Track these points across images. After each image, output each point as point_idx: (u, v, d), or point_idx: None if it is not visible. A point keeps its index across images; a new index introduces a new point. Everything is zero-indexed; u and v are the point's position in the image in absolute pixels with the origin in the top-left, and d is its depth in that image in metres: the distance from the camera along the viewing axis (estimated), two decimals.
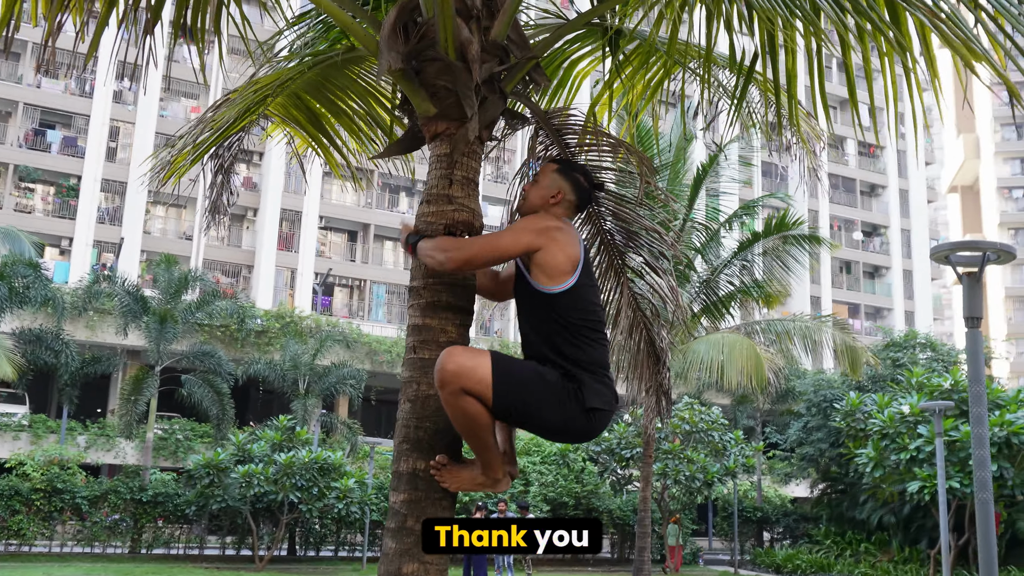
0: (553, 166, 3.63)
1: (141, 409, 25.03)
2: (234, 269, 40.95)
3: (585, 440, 3.43)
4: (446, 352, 3.19)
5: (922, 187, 58.19)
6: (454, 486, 3.44)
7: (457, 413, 3.20)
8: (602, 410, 3.28)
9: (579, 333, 3.30)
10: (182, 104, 41.87)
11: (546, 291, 3.32)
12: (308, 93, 5.19)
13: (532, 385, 3.21)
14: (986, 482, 5.45)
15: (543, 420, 3.24)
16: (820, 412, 26.43)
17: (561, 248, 3.32)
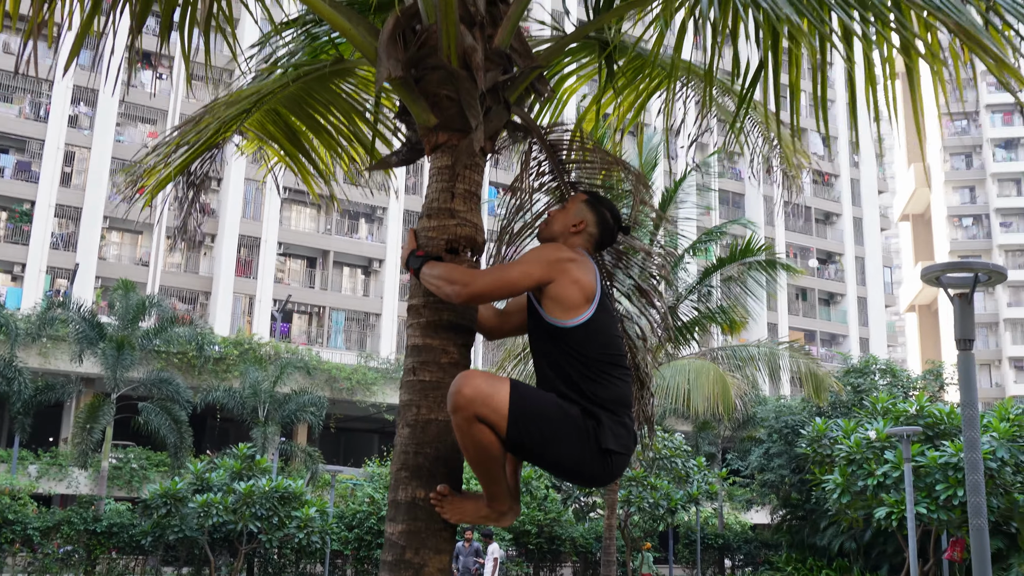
0: (583, 196, 3.50)
1: (96, 437, 24.41)
2: (191, 296, 40.32)
3: (598, 485, 3.24)
4: (463, 376, 3.00)
5: (875, 215, 59.07)
6: (456, 518, 3.25)
7: (468, 441, 3.02)
8: (619, 453, 3.10)
9: (598, 368, 3.12)
10: (139, 129, 41.30)
11: (560, 325, 3.15)
12: (287, 108, 5.00)
13: (551, 419, 3.02)
14: (980, 508, 5.38)
15: (559, 457, 3.06)
16: (781, 438, 26.48)
17: (574, 280, 3.15)
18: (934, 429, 15.94)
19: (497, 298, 3.24)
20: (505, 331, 3.65)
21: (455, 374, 3.39)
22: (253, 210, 41.36)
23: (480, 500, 3.26)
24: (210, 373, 32.05)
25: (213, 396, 28.45)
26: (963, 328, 5.57)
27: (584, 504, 25.63)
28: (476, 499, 3.27)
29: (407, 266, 3.42)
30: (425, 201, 3.61)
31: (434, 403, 3.35)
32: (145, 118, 41.13)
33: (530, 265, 3.17)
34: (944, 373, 31.41)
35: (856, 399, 25.47)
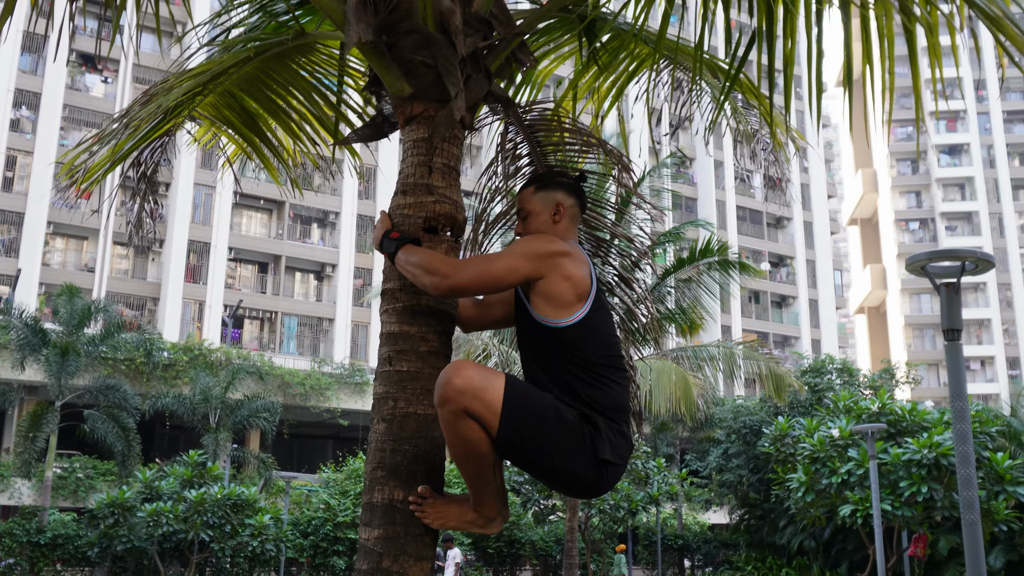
0: (531, 189, 3.13)
1: (40, 446, 23.66)
2: (139, 302, 39.45)
3: (591, 496, 2.95)
4: (454, 365, 2.70)
5: (825, 219, 59.75)
6: (438, 523, 2.93)
7: (455, 438, 2.72)
8: (615, 464, 2.82)
9: (595, 371, 2.84)
10: (83, 133, 40.33)
11: (552, 324, 2.86)
12: (244, 90, 4.66)
13: (547, 421, 2.73)
14: (972, 503, 5.21)
15: (552, 463, 2.77)
16: (740, 439, 26.49)
17: (566, 276, 2.86)
18: (896, 426, 15.95)
19: (479, 293, 2.96)
20: (485, 323, 3.35)
21: (434, 364, 3.10)
22: (203, 214, 40.64)
23: (465, 504, 2.96)
24: (159, 380, 31.34)
25: (162, 403, 27.78)
26: (950, 318, 5.40)
27: (544, 507, 25.41)
28: (461, 503, 2.97)
29: (380, 249, 3.10)
30: (400, 177, 3.32)
31: (412, 395, 3.06)
32: (89, 122, 40.19)
33: (517, 259, 2.86)
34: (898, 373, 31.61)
35: (814, 399, 25.57)
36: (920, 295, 68.99)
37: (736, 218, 56.14)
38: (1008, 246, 66.63)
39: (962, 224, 69.31)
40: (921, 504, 14.59)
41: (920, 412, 16.13)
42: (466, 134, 3.49)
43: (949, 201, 69.72)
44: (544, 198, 3.10)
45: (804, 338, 56.07)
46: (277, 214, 42.96)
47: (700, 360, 19.39)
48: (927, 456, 14.25)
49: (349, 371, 37.52)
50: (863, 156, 77.64)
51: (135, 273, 39.93)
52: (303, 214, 43.43)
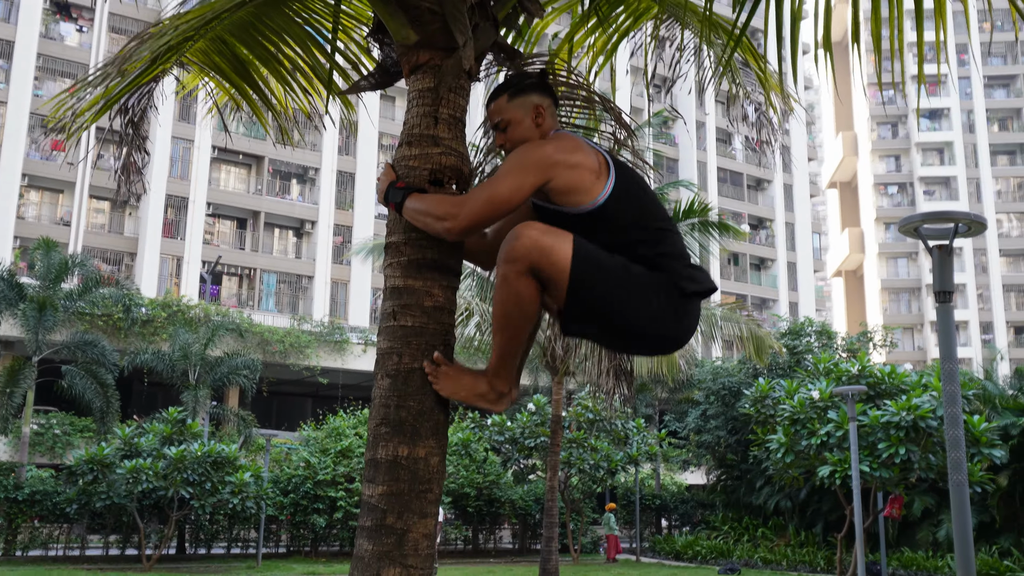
0: (503, 98, 3.04)
1: (16, 403, 23.47)
2: (116, 257, 39.09)
3: (670, 347, 2.89)
4: (523, 224, 2.67)
5: (805, 182, 59.86)
6: (449, 390, 2.91)
7: (509, 295, 2.70)
8: (699, 295, 2.78)
9: (648, 229, 2.81)
10: (58, 84, 39.64)
11: (589, 208, 2.81)
12: (235, 36, 4.54)
13: (617, 274, 2.69)
14: (960, 463, 5.24)
15: (627, 317, 2.72)
16: (719, 400, 26.69)
17: (573, 165, 2.81)
18: (875, 389, 16.09)
19: (493, 221, 2.85)
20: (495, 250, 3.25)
21: (439, 319, 3.05)
22: (180, 169, 40.19)
23: (480, 376, 2.94)
24: (137, 336, 31.12)
25: (141, 359, 27.60)
26: (942, 280, 5.38)
27: (524, 467, 25.55)
28: (474, 374, 2.95)
29: (386, 200, 3.04)
30: (404, 128, 3.23)
31: (417, 350, 3.01)
32: (65, 72, 39.50)
33: (517, 175, 2.80)
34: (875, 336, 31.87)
35: (792, 361, 25.75)
36: (897, 259, 69.50)
37: (717, 180, 56.16)
38: (985, 211, 67.06)
39: (940, 189, 69.67)
40: (898, 466, 14.75)
41: (899, 375, 16.26)
42: (471, 84, 3.40)
43: (928, 166, 70.02)
44: (521, 103, 3.03)
45: (782, 301, 56.41)
46: (256, 169, 42.56)
47: None
48: (905, 418, 14.39)
49: (328, 329, 37.42)
50: (844, 119, 77.71)
51: (112, 228, 39.51)
52: (282, 170, 43.05)
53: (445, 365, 2.91)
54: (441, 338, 3.03)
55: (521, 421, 24.42)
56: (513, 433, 24.46)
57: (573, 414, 24.36)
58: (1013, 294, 67.36)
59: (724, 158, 56.95)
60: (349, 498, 22.74)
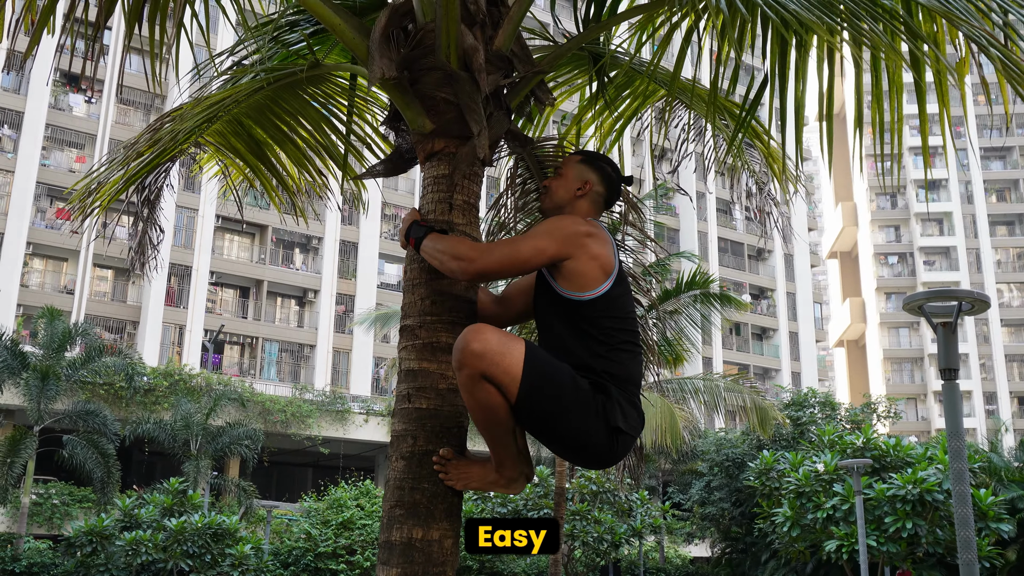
0: (577, 157, 3.22)
1: (17, 472, 23.31)
2: (119, 325, 39.13)
3: (603, 466, 2.99)
4: (472, 329, 2.73)
5: (805, 252, 60.12)
6: (461, 483, 2.97)
7: (473, 402, 2.77)
8: (626, 434, 2.87)
9: (611, 344, 2.89)
10: (66, 154, 40.14)
11: (575, 298, 2.91)
12: (252, 118, 4.67)
13: (565, 388, 2.77)
14: (970, 542, 5.22)
15: (568, 430, 2.81)
16: (723, 471, 26.48)
17: (594, 256, 2.91)
18: (880, 461, 15.99)
19: (506, 276, 2.98)
20: (505, 320, 3.34)
21: (453, 401, 3.10)
22: (184, 238, 40.42)
23: (488, 465, 3.00)
24: (138, 405, 31.01)
25: (143, 428, 27.48)
26: (947, 358, 5.43)
27: None
28: (483, 464, 3.01)
29: (407, 236, 3.13)
30: (420, 213, 3.32)
31: (432, 433, 3.05)
32: (72, 142, 40.00)
33: (543, 240, 2.91)
34: (879, 407, 31.72)
35: (796, 432, 25.61)
36: (899, 329, 69.45)
37: (718, 249, 56.43)
38: (985, 281, 67.24)
39: (940, 259, 69.95)
40: (905, 540, 14.60)
41: (904, 447, 16.19)
42: (485, 171, 3.49)
43: (928, 236, 70.41)
44: (580, 170, 3.18)
45: (784, 370, 56.22)
46: (259, 238, 42.83)
47: (685, 392, 19.40)
48: (911, 492, 14.30)
49: (330, 398, 37.29)
50: (843, 189, 78.36)
51: (115, 296, 39.62)
52: (285, 239, 43.31)
53: (454, 459, 2.97)
54: (455, 420, 3.07)
55: (524, 493, 24.20)
56: (516, 505, 24.21)
57: (576, 486, 24.16)
58: (1016, 364, 67.17)
59: (725, 228, 57.32)
60: (350, 571, 22.44)
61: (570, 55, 4.51)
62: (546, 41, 4.38)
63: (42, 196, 38.42)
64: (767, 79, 3.54)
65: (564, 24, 4.87)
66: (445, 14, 3.19)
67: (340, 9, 3.46)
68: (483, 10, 3.32)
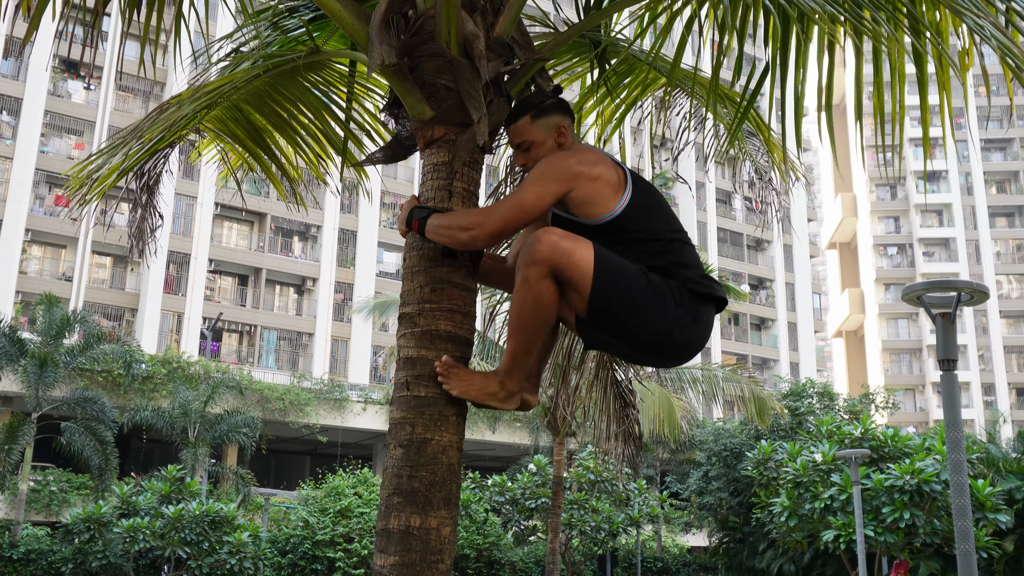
0: (526, 119, 3.13)
1: (15, 459, 23.33)
2: (117, 312, 39.12)
3: (687, 354, 2.94)
4: (542, 231, 2.74)
5: (804, 243, 60.11)
6: (459, 390, 2.97)
7: (528, 296, 2.78)
8: (708, 301, 2.85)
9: (662, 239, 2.90)
10: (64, 140, 40.05)
11: (607, 218, 2.90)
12: (251, 104, 4.65)
13: (636, 279, 2.77)
14: (967, 532, 5.23)
15: (645, 324, 2.80)
16: (720, 461, 26.52)
17: (594, 177, 2.91)
18: (878, 452, 16.02)
19: (517, 229, 2.96)
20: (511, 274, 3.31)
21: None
22: (183, 225, 40.39)
23: (490, 376, 3.00)
24: (137, 392, 31.03)
25: (141, 416, 27.50)
26: (946, 348, 5.43)
27: (524, 528, 25.30)
28: (484, 375, 3.01)
29: (409, 220, 3.12)
30: (419, 200, 3.30)
31: (430, 421, 3.04)
32: (72, 129, 39.92)
33: (541, 183, 2.91)
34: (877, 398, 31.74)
35: (794, 422, 25.64)
36: (897, 320, 69.49)
37: (717, 240, 56.41)
38: (984, 272, 67.26)
39: (939, 250, 69.96)
40: (903, 530, 14.63)
41: (902, 438, 16.21)
42: (484, 158, 3.48)
43: (927, 227, 70.40)
44: (544, 124, 3.13)
45: (783, 361, 56.28)
46: (258, 226, 42.78)
47: (683, 382, 19.40)
48: (909, 482, 14.32)
49: (328, 386, 37.31)
50: (843, 180, 78.29)
51: (113, 283, 39.60)
52: (284, 227, 43.28)
53: (456, 365, 2.97)
54: (454, 408, 3.06)
55: (522, 482, 24.25)
56: (514, 494, 24.28)
57: (574, 475, 24.21)
58: (1014, 355, 67.25)
59: (724, 218, 57.29)
60: (348, 559, 22.49)
61: (571, 43, 4.49)
62: (547, 28, 4.36)
63: (41, 183, 38.35)
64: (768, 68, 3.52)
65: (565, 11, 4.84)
66: (446, 0, 3.17)
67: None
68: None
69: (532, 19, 4.34)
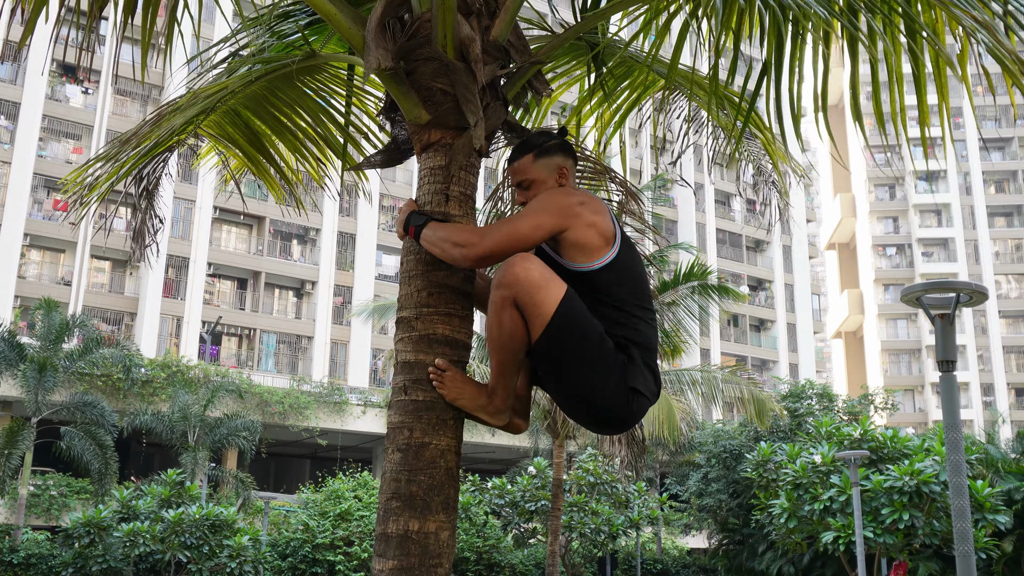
0: (528, 157, 3.16)
1: (15, 464, 23.32)
2: (116, 316, 39.10)
3: (614, 426, 2.97)
4: (524, 256, 2.78)
5: (803, 243, 60.12)
6: (452, 395, 2.97)
7: (496, 322, 2.81)
8: (644, 396, 2.88)
9: (627, 312, 2.91)
10: (63, 145, 40.04)
11: (584, 269, 2.93)
12: (249, 109, 4.65)
13: (590, 339, 2.79)
14: (966, 534, 5.22)
15: (581, 381, 2.83)
16: (720, 463, 26.50)
17: (590, 224, 2.92)
18: (877, 453, 16.01)
19: (506, 256, 2.94)
20: None
21: None
22: (182, 229, 40.38)
23: (482, 389, 3.01)
24: (136, 396, 31.02)
25: (140, 420, 27.48)
26: (945, 349, 5.43)
27: (524, 530, 25.29)
28: (478, 385, 3.02)
29: (406, 226, 3.13)
30: (416, 204, 3.30)
31: (428, 425, 3.04)
32: (69, 133, 39.91)
33: (539, 215, 2.92)
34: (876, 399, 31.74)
35: (794, 423, 25.64)
36: (897, 320, 69.50)
37: (716, 241, 56.41)
38: (983, 272, 67.29)
39: (938, 250, 69.98)
40: (902, 531, 14.63)
41: (901, 439, 16.21)
42: (481, 162, 3.48)
43: (926, 227, 70.42)
44: (546, 164, 3.15)
45: (782, 362, 56.28)
46: (257, 230, 42.78)
47: (682, 384, 19.39)
48: (908, 483, 14.31)
49: (328, 390, 37.30)
50: (841, 181, 78.32)
51: (112, 287, 39.58)
52: (283, 230, 43.27)
53: (451, 369, 2.98)
54: (452, 412, 3.06)
55: (521, 484, 24.24)
56: (513, 496, 24.26)
57: (574, 477, 24.20)
58: (1013, 355, 67.25)
59: (723, 219, 57.30)
60: (348, 562, 22.48)
61: (568, 45, 4.49)
62: (543, 31, 4.36)
63: (39, 187, 38.34)
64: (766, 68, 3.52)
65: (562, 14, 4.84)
66: (441, 4, 3.17)
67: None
68: (479, 0, 3.30)
69: (528, 22, 4.34)
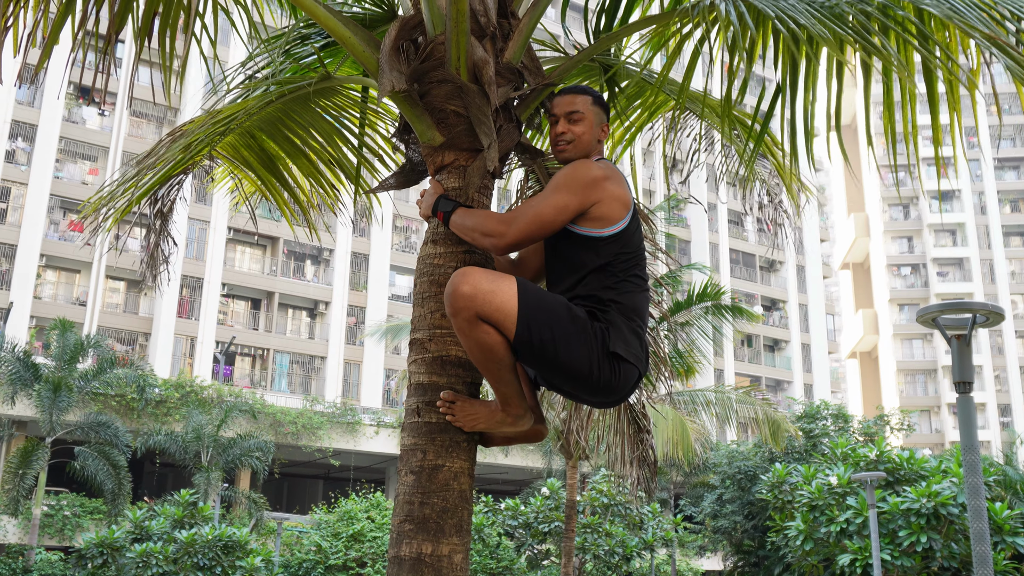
0: (589, 99, 3.17)
1: (29, 484, 23.37)
2: (130, 337, 39.24)
3: (608, 397, 2.94)
4: (459, 272, 2.77)
5: (817, 263, 59.91)
6: (469, 424, 2.97)
7: (472, 344, 2.78)
8: (627, 362, 2.85)
9: (623, 276, 2.94)
10: (79, 166, 40.35)
11: (596, 234, 2.95)
12: (264, 131, 4.67)
13: (561, 318, 2.79)
14: (986, 557, 5.16)
15: (569, 360, 2.79)
16: (735, 484, 26.35)
17: (615, 198, 2.95)
18: (894, 475, 15.88)
19: (536, 239, 2.99)
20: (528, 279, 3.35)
21: None
22: (196, 249, 40.56)
23: (493, 406, 3.00)
24: (150, 416, 31.07)
25: (154, 440, 27.51)
26: (962, 370, 5.38)
27: (537, 552, 25.15)
28: (489, 405, 3.01)
29: (434, 210, 3.14)
30: (429, 226, 3.31)
31: (442, 447, 3.03)
32: (86, 155, 40.21)
33: (564, 195, 2.94)
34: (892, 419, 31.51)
35: (809, 444, 25.47)
36: (912, 340, 69.09)
37: (729, 261, 56.27)
38: (999, 292, 66.90)
39: (953, 270, 69.62)
40: (920, 554, 14.48)
41: (918, 460, 16.07)
42: (495, 183, 3.48)
43: (941, 247, 70.10)
44: (599, 113, 3.18)
45: (796, 382, 55.98)
46: (271, 250, 42.94)
47: (696, 404, 19.30)
48: (926, 505, 14.18)
49: (341, 410, 37.29)
50: (855, 200, 78.12)
51: (127, 307, 39.74)
52: (297, 251, 43.41)
53: (459, 399, 2.97)
54: (465, 433, 3.05)
55: (535, 505, 24.13)
56: (527, 517, 24.15)
57: (588, 498, 24.09)
58: None
59: (736, 239, 57.18)
60: None
61: (581, 67, 4.51)
62: (557, 53, 4.38)
63: (55, 208, 38.61)
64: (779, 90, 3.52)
65: (575, 36, 4.86)
66: (455, 27, 3.18)
67: (350, 22, 3.45)
68: (493, 23, 3.32)
69: (542, 43, 4.36)
